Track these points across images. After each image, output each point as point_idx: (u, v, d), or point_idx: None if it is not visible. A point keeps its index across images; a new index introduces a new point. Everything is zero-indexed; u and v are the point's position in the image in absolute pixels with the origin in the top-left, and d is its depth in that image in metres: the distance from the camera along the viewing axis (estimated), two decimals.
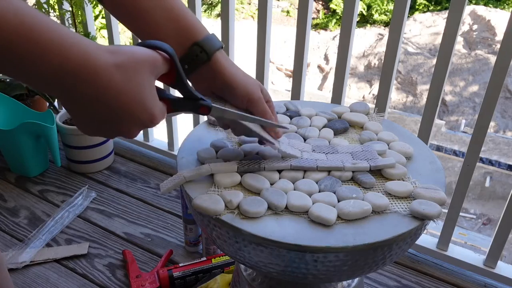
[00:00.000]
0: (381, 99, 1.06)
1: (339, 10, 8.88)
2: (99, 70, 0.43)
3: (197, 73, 0.58)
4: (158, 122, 0.49)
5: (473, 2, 8.09)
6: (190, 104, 0.53)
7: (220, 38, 0.62)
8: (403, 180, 0.62)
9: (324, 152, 0.66)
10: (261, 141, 0.65)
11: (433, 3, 8.75)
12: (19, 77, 0.42)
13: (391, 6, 8.47)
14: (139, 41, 0.52)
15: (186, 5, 0.61)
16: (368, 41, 7.77)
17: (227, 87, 0.58)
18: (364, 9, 8.72)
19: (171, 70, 0.50)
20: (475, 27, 7.30)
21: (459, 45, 7.04)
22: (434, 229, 1.43)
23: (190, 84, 0.54)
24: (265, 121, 0.60)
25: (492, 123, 4.35)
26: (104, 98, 0.44)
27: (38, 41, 0.39)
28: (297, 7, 1.67)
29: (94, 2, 1.31)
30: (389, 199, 0.58)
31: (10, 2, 0.38)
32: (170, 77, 0.50)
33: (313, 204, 0.56)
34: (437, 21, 7.68)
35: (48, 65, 0.40)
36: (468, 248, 3.34)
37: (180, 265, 1.03)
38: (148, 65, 0.46)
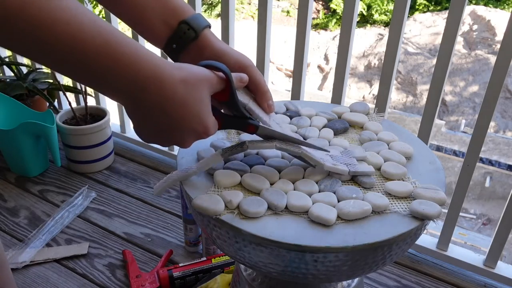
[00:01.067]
0: (381, 99, 1.06)
1: (339, 10, 8.87)
2: (165, 82, 0.47)
3: (186, 52, 0.58)
4: (211, 134, 0.53)
5: (473, 2, 8.08)
6: (239, 122, 0.57)
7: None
8: (403, 180, 0.62)
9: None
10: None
11: (433, 3, 8.75)
12: (93, 86, 0.48)
13: (391, 6, 8.47)
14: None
15: None
16: (368, 41, 7.77)
17: (215, 57, 0.58)
18: (364, 9, 8.72)
19: (226, 89, 0.53)
20: (475, 27, 7.30)
21: (459, 45, 7.04)
22: (434, 229, 1.43)
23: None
24: (310, 144, 0.60)
25: (492, 123, 4.35)
26: (166, 109, 0.48)
27: (118, 58, 0.44)
28: (297, 7, 1.67)
29: (94, 2, 1.31)
30: (389, 199, 0.58)
31: (94, 22, 0.43)
32: (224, 95, 0.54)
33: (313, 204, 0.56)
34: (437, 21, 7.68)
35: (123, 78, 0.46)
36: (468, 248, 3.33)
37: (180, 265, 1.03)
38: (207, 83, 0.51)
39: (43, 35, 0.40)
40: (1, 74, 1.72)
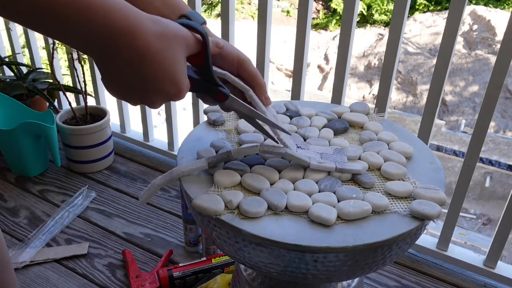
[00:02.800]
0: (381, 99, 1.06)
1: (339, 10, 8.87)
2: (138, 35, 0.44)
3: None
4: (182, 97, 0.51)
5: (473, 2, 8.08)
6: (210, 88, 0.55)
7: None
8: (403, 180, 0.62)
9: (296, 144, 0.65)
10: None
11: (433, 3, 8.75)
12: (59, 37, 0.45)
13: (391, 6, 8.46)
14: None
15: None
16: (368, 41, 7.77)
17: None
18: (364, 9, 8.72)
19: (201, 52, 0.51)
20: (475, 27, 7.30)
21: (459, 45, 7.04)
22: (434, 229, 1.43)
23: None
24: (276, 125, 0.60)
25: (492, 123, 4.35)
26: (138, 63, 0.45)
27: (86, 7, 0.42)
28: (297, 7, 1.67)
29: None
30: (389, 199, 0.58)
31: None
32: (198, 58, 0.52)
33: (313, 204, 0.56)
34: (437, 21, 7.68)
35: (92, 27, 0.43)
36: (468, 248, 3.34)
37: (180, 265, 1.03)
38: (183, 41, 0.48)
39: None
40: (1, 74, 1.72)
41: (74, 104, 1.46)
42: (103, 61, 0.46)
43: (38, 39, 1.68)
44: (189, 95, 0.64)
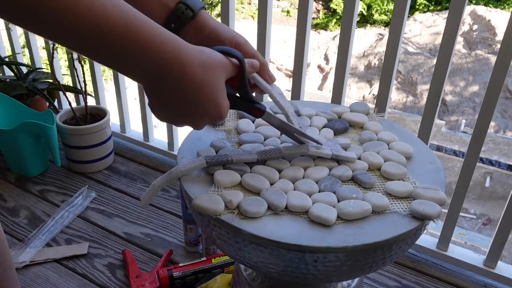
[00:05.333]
0: (381, 99, 1.06)
1: (339, 10, 8.87)
2: (186, 66, 0.48)
3: (184, 31, 0.60)
4: (223, 118, 0.55)
5: (473, 2, 8.08)
6: (246, 105, 0.59)
7: None
8: (403, 180, 0.62)
9: (299, 125, 0.66)
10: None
11: (433, 3, 8.74)
12: (115, 68, 0.48)
13: (391, 6, 8.46)
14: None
15: None
16: (368, 41, 7.76)
17: (212, 35, 0.60)
18: (364, 9, 8.71)
19: (238, 75, 0.56)
20: (475, 27, 7.29)
21: (459, 45, 7.03)
22: (434, 229, 1.43)
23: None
24: (307, 135, 0.63)
25: (492, 123, 4.35)
26: (185, 92, 0.50)
27: (141, 42, 0.46)
28: (297, 7, 1.67)
29: None
30: (389, 199, 0.58)
31: (117, 6, 0.44)
32: (235, 81, 0.56)
33: (313, 204, 0.56)
34: (437, 21, 7.68)
35: (145, 61, 0.47)
36: (468, 248, 3.33)
37: (180, 265, 1.03)
38: (223, 68, 0.53)
39: (66, 18, 0.41)
40: (1, 74, 1.72)
41: (74, 104, 1.46)
42: (152, 89, 0.50)
43: (38, 39, 1.68)
44: None
